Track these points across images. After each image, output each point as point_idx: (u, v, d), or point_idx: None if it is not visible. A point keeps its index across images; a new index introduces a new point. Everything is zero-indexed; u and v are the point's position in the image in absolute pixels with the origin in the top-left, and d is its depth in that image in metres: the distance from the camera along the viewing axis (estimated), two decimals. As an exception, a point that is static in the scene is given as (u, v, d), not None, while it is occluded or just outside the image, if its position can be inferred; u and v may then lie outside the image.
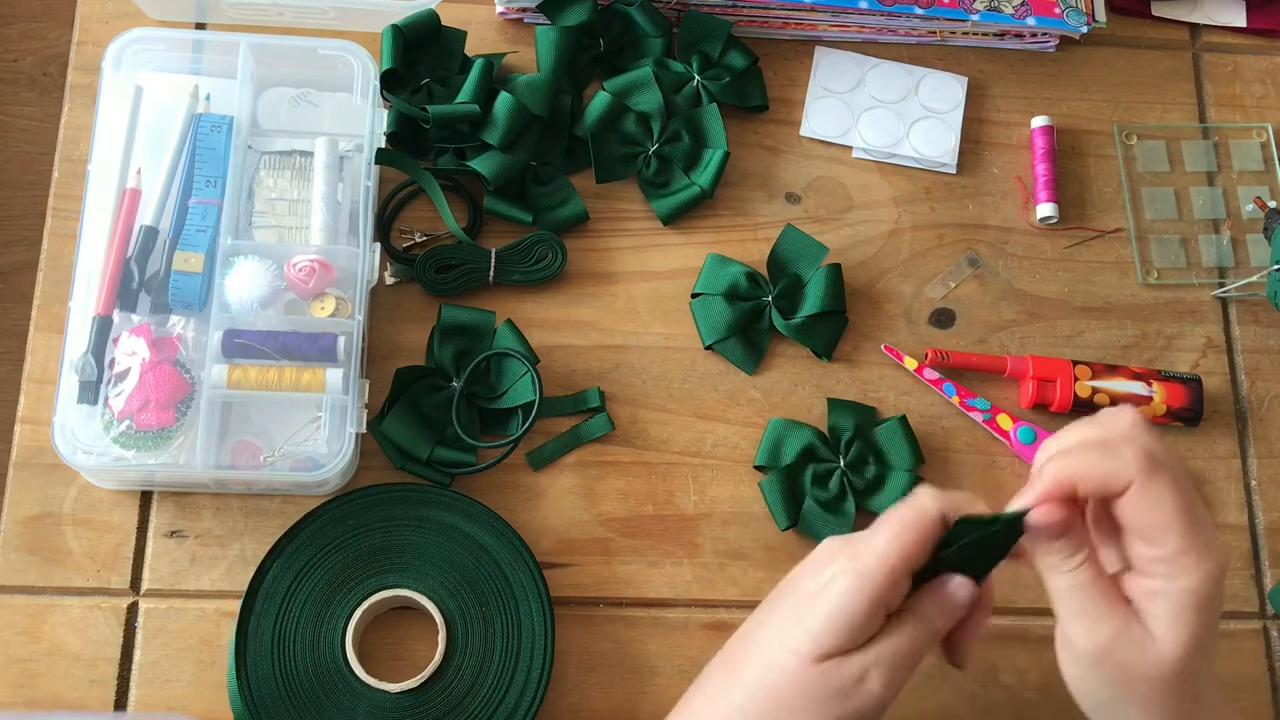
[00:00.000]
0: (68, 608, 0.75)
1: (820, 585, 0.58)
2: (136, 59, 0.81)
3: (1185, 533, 0.56)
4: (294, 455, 0.76)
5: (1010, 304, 0.88)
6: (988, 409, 0.84)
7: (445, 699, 0.72)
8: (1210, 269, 0.90)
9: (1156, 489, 0.56)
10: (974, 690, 0.78)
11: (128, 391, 0.74)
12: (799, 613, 0.58)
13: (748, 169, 0.89)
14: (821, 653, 0.57)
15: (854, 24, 0.92)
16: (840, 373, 0.85)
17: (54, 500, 0.77)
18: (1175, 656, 0.57)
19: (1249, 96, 0.95)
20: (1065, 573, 0.58)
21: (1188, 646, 0.57)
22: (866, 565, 0.57)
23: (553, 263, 0.83)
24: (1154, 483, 0.56)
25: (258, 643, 0.72)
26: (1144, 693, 0.58)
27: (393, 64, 0.83)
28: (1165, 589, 0.57)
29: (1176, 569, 0.56)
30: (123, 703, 0.74)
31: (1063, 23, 0.91)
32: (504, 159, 0.83)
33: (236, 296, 0.76)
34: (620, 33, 0.89)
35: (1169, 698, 0.58)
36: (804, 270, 0.85)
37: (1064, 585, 0.59)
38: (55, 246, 0.82)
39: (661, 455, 0.82)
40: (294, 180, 0.82)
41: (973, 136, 0.92)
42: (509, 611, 0.74)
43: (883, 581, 0.57)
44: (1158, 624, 0.57)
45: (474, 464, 0.79)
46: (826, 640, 0.57)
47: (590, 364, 0.83)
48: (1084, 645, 0.58)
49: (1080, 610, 0.58)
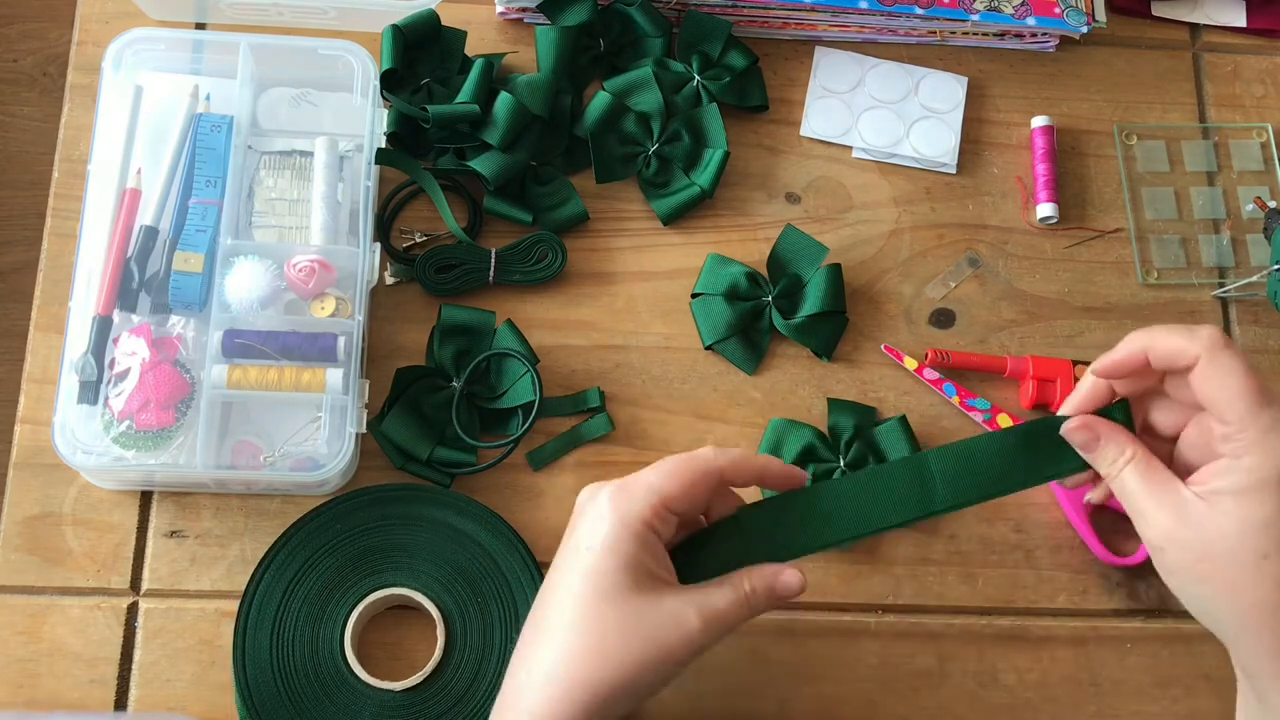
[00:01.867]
0: (68, 608, 0.75)
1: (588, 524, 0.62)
2: (136, 59, 0.81)
3: (1251, 406, 0.57)
4: (294, 455, 0.76)
5: (1010, 304, 0.88)
6: (988, 409, 0.84)
7: (443, 698, 0.72)
8: (1210, 269, 0.90)
9: (1223, 362, 0.58)
10: (974, 690, 0.78)
11: (128, 391, 0.74)
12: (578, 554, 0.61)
13: (748, 169, 0.89)
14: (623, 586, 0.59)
15: (854, 24, 0.92)
16: (840, 373, 0.85)
17: (54, 500, 0.77)
18: (1238, 531, 0.57)
19: (1249, 96, 0.95)
20: (1114, 477, 0.61)
21: (1253, 523, 0.57)
22: (632, 494, 0.61)
23: (553, 263, 0.83)
24: (1221, 356, 0.58)
25: (256, 642, 0.72)
26: (1220, 577, 0.58)
27: (393, 64, 0.83)
28: (1232, 466, 0.58)
29: (1241, 445, 0.57)
30: (123, 703, 0.74)
31: (1063, 23, 0.91)
32: (504, 159, 0.83)
33: (236, 296, 0.76)
34: (620, 33, 0.89)
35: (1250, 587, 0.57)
36: (804, 270, 0.85)
37: (1119, 488, 0.62)
38: (55, 246, 0.82)
39: (662, 455, 0.81)
40: (294, 180, 0.82)
41: (973, 136, 0.92)
42: (507, 611, 0.75)
43: (651, 511, 0.61)
44: (1225, 502, 0.58)
45: (474, 464, 0.79)
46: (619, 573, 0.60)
47: (590, 364, 0.83)
48: (1149, 537, 0.60)
49: (1137, 506, 0.61)
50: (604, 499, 0.62)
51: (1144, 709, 0.79)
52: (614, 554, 0.60)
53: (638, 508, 0.61)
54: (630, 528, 0.60)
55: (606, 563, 0.60)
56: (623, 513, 0.61)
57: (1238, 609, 0.58)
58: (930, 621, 0.79)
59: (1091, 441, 0.62)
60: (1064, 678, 0.79)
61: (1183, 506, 0.59)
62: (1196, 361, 0.59)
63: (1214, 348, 0.58)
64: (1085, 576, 0.81)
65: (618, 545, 0.60)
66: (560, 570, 0.62)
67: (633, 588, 0.60)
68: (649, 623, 0.59)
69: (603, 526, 0.61)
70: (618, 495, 0.61)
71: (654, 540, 0.61)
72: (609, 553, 0.60)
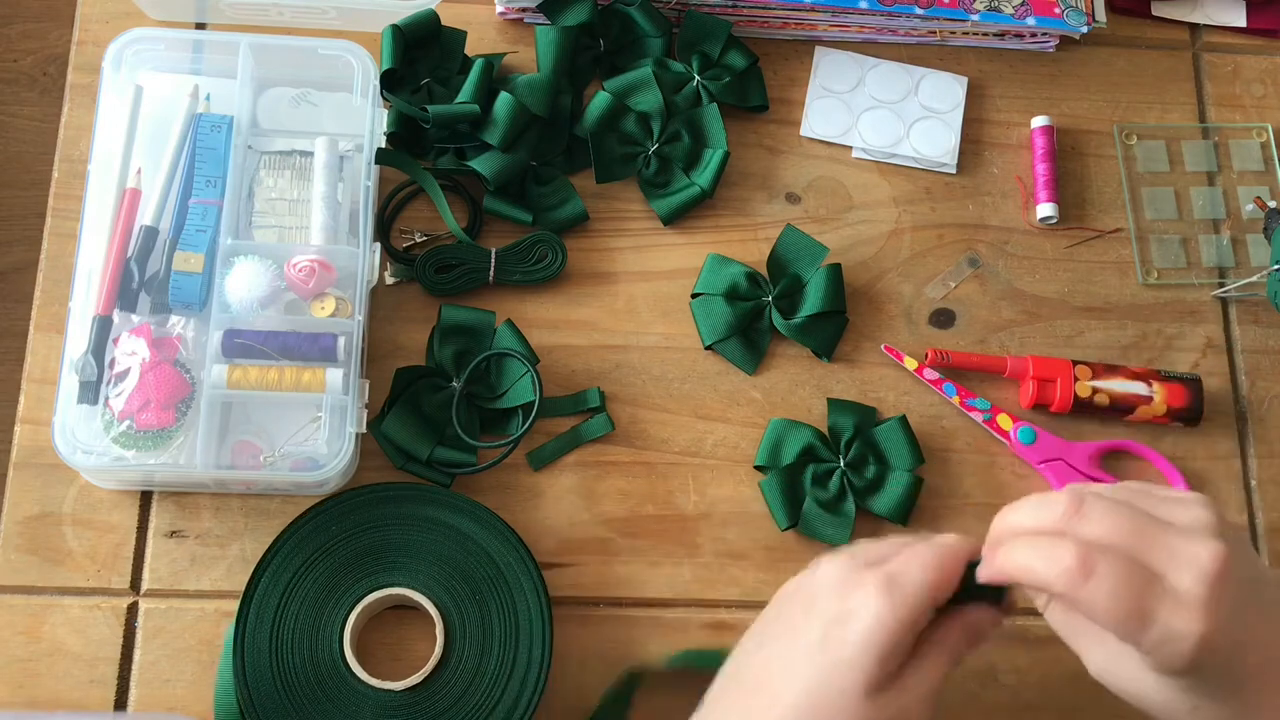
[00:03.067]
0: (68, 608, 0.75)
1: (850, 612, 0.56)
2: (136, 59, 0.81)
3: (1131, 634, 0.54)
4: (294, 455, 0.76)
5: (1010, 304, 0.88)
6: (988, 409, 0.84)
7: (442, 698, 0.72)
8: (1210, 269, 0.90)
9: (1086, 603, 0.53)
10: (974, 690, 0.78)
11: (128, 391, 0.74)
12: (830, 645, 0.56)
13: (748, 169, 0.89)
14: (871, 686, 0.55)
15: (854, 24, 0.92)
16: (840, 373, 0.85)
17: (54, 500, 0.77)
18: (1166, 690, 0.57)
19: (1249, 96, 0.95)
20: (1043, 609, 0.60)
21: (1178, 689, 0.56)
22: (905, 591, 0.56)
23: (553, 263, 0.83)
24: (1085, 592, 0.53)
25: (255, 641, 0.72)
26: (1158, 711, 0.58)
27: (393, 64, 0.83)
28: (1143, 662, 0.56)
29: (1140, 656, 0.55)
30: (123, 703, 0.74)
31: (1063, 23, 0.91)
32: (504, 159, 0.83)
33: (236, 296, 0.76)
34: (620, 33, 0.89)
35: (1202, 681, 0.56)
36: (804, 270, 0.85)
37: (1051, 622, 0.61)
38: (55, 246, 0.82)
39: (661, 455, 0.82)
40: (294, 180, 0.82)
41: (973, 136, 0.92)
42: (507, 610, 0.74)
43: (919, 608, 0.56)
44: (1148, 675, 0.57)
45: (474, 464, 0.79)
46: (875, 671, 0.55)
47: (590, 364, 0.83)
48: (1088, 667, 0.60)
49: (1071, 644, 0.60)
50: (872, 589, 0.56)
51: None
52: (873, 652, 0.55)
53: (909, 612, 0.56)
54: (898, 632, 0.56)
55: (864, 660, 0.55)
56: (895, 612, 0.56)
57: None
58: (930, 621, 0.79)
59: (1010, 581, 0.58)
60: (1064, 678, 0.79)
61: (1111, 653, 0.58)
62: (1065, 598, 0.54)
63: (1073, 586, 0.53)
64: (1085, 576, 0.81)
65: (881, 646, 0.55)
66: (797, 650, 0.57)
67: (880, 688, 0.56)
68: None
69: (868, 621, 0.56)
70: (891, 588, 0.56)
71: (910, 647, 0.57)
72: (868, 650, 0.55)
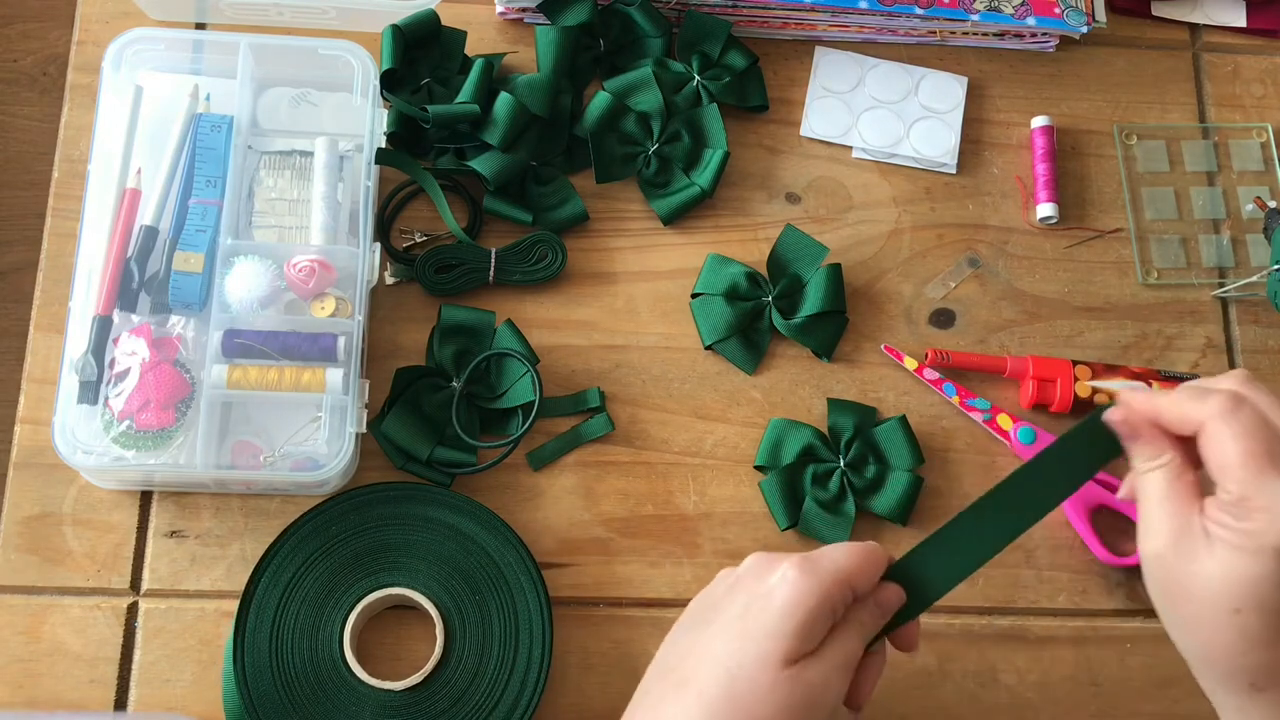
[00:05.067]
0: (68, 608, 0.75)
1: (769, 586, 0.58)
2: (136, 59, 0.81)
3: (1254, 475, 0.56)
4: (294, 455, 0.76)
5: (1010, 304, 0.88)
6: (988, 409, 0.84)
7: (443, 698, 0.72)
8: (1210, 269, 0.90)
9: (1223, 432, 0.57)
10: (974, 690, 0.78)
11: (128, 391, 0.74)
12: (750, 617, 0.58)
13: (748, 169, 0.89)
14: (790, 655, 0.56)
15: (854, 24, 0.92)
16: (840, 373, 0.85)
17: (54, 500, 0.77)
18: (1222, 578, 0.56)
19: (1249, 96, 0.95)
20: (1141, 474, 0.61)
21: (1237, 578, 0.56)
22: (820, 566, 0.58)
23: (553, 263, 0.83)
24: (1223, 424, 0.57)
25: (255, 641, 0.72)
26: (1192, 613, 0.58)
27: (393, 64, 0.83)
28: (1235, 523, 0.57)
29: (1244, 510, 0.56)
30: (123, 703, 0.74)
31: (1063, 23, 0.91)
32: (504, 159, 0.83)
33: (236, 296, 0.76)
34: (620, 33, 0.89)
35: (1218, 631, 0.57)
36: (804, 270, 0.85)
37: (1141, 487, 0.61)
38: (55, 246, 0.82)
39: (661, 455, 0.82)
40: (294, 180, 0.82)
41: (973, 136, 0.92)
42: (507, 610, 0.75)
43: (833, 583, 0.58)
44: (1221, 549, 0.57)
45: (474, 464, 0.79)
46: (792, 642, 0.56)
47: (590, 364, 0.83)
48: (1144, 548, 0.60)
49: (1145, 514, 0.60)
50: (790, 566, 0.58)
51: (1144, 709, 0.79)
52: (790, 622, 0.57)
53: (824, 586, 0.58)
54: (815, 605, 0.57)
55: (783, 627, 0.57)
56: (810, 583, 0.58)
57: (1203, 646, 0.58)
58: (930, 621, 0.79)
59: (1132, 433, 0.61)
60: (1064, 678, 0.79)
61: (1186, 530, 0.58)
62: (1203, 428, 0.58)
63: (1221, 415, 0.57)
64: (1085, 576, 0.81)
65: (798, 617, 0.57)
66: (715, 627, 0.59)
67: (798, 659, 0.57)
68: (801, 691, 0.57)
69: (785, 590, 0.57)
70: (807, 565, 0.58)
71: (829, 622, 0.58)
72: (786, 619, 0.57)
